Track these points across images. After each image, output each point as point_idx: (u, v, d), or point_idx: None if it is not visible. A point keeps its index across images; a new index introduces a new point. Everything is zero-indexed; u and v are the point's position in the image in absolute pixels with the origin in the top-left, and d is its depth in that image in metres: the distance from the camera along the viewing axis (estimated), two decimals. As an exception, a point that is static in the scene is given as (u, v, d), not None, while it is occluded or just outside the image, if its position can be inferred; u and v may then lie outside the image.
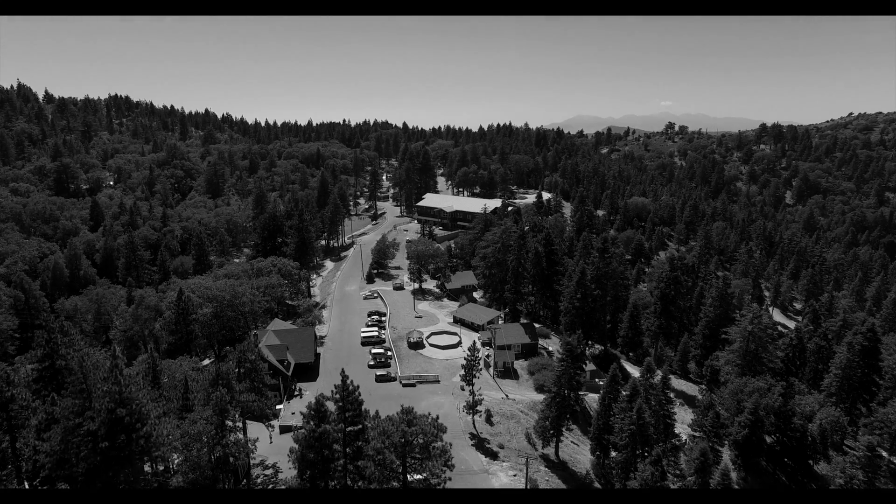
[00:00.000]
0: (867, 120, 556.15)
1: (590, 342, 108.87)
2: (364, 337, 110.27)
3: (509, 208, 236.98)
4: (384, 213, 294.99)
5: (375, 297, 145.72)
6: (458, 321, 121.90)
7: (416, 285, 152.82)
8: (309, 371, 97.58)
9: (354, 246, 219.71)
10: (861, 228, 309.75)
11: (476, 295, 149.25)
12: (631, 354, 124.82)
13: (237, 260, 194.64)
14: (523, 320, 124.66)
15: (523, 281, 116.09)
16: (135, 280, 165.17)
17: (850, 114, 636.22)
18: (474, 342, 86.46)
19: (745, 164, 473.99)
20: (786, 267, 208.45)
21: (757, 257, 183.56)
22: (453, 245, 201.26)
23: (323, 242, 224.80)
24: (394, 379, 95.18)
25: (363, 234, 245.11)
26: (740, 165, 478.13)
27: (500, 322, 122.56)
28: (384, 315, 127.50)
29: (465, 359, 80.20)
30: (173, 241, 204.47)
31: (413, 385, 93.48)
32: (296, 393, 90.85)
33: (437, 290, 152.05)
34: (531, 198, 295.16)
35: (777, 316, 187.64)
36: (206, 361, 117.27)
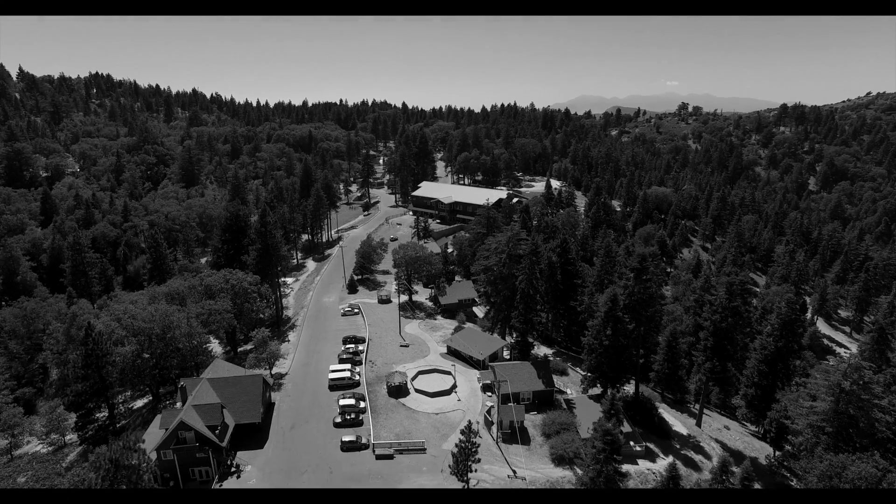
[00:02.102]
0: (889, 100, 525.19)
1: (618, 387, 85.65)
2: (333, 379, 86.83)
3: (515, 199, 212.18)
4: (377, 201, 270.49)
5: (356, 313, 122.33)
6: (452, 353, 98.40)
7: (406, 297, 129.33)
8: (255, 434, 74.37)
9: (341, 242, 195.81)
10: (895, 218, 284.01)
11: (476, 311, 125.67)
12: (668, 395, 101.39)
13: (205, 260, 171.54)
14: (536, 350, 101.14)
15: (535, 307, 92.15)
16: (79, 288, 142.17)
17: (869, 93, 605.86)
18: (467, 422, 62.74)
19: (765, 148, 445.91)
20: (829, 268, 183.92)
21: (800, 260, 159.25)
22: (450, 244, 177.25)
23: (306, 237, 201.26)
24: (366, 446, 71.96)
25: (352, 227, 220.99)
26: (759, 149, 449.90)
27: (504, 354, 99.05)
28: (362, 342, 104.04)
29: (457, 445, 56.76)
30: (134, 238, 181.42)
31: (390, 456, 70.26)
32: (232, 469, 67.78)
33: (429, 304, 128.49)
34: (539, 186, 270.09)
35: (822, 327, 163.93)
36: (141, 402, 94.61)
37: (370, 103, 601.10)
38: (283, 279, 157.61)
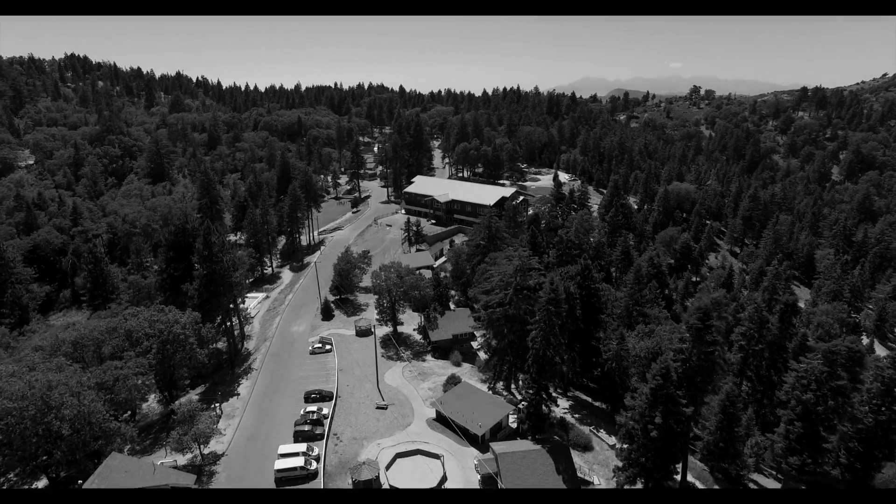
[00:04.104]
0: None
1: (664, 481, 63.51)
2: (280, 470, 64.24)
3: (520, 198, 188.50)
4: (368, 196, 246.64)
5: (328, 351, 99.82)
6: (442, 420, 75.77)
7: (388, 328, 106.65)
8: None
9: (321, 250, 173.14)
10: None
11: (476, 347, 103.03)
12: (721, 466, 79.04)
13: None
14: (561, 402, 78.32)
15: (554, 368, 69.03)
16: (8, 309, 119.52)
17: (885, 74, 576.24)
18: None
19: (783, 135, 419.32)
20: (879, 278, 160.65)
21: (856, 274, 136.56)
22: (445, 252, 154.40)
23: (283, 240, 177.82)
24: None
25: (337, 228, 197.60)
26: (777, 135, 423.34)
27: (510, 421, 76.36)
28: (329, 399, 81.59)
29: None
30: (84, 245, 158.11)
31: None
32: None
33: (417, 338, 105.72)
34: (545, 179, 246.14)
35: (878, 349, 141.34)
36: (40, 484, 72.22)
37: (366, 87, 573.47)
38: (248, 296, 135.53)
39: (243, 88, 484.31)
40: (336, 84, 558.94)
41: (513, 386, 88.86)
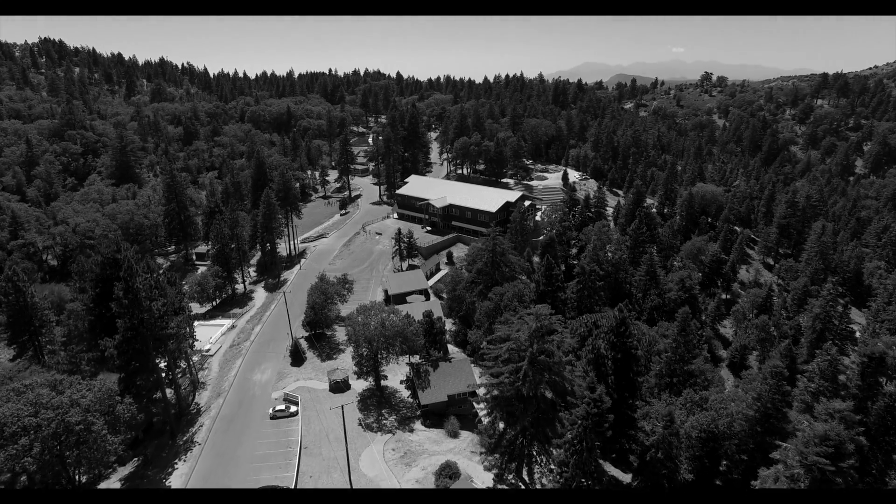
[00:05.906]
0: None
1: None
2: None
3: (527, 202, 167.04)
4: (359, 195, 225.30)
5: (293, 414, 79.60)
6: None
7: (368, 381, 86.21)
8: None
9: (303, 261, 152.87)
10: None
11: (480, 412, 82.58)
12: None
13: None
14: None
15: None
16: None
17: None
18: None
19: (802, 124, 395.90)
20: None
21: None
22: (443, 267, 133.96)
23: (257, 252, 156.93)
24: None
25: (321, 236, 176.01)
26: (795, 125, 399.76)
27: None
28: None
29: None
30: (24, 261, 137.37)
31: None
32: None
33: (404, 396, 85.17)
34: (553, 178, 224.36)
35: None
36: None
37: (362, 73, 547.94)
38: (212, 324, 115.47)
39: (231, 76, 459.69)
40: (330, 70, 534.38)
41: (525, 471, 68.77)
